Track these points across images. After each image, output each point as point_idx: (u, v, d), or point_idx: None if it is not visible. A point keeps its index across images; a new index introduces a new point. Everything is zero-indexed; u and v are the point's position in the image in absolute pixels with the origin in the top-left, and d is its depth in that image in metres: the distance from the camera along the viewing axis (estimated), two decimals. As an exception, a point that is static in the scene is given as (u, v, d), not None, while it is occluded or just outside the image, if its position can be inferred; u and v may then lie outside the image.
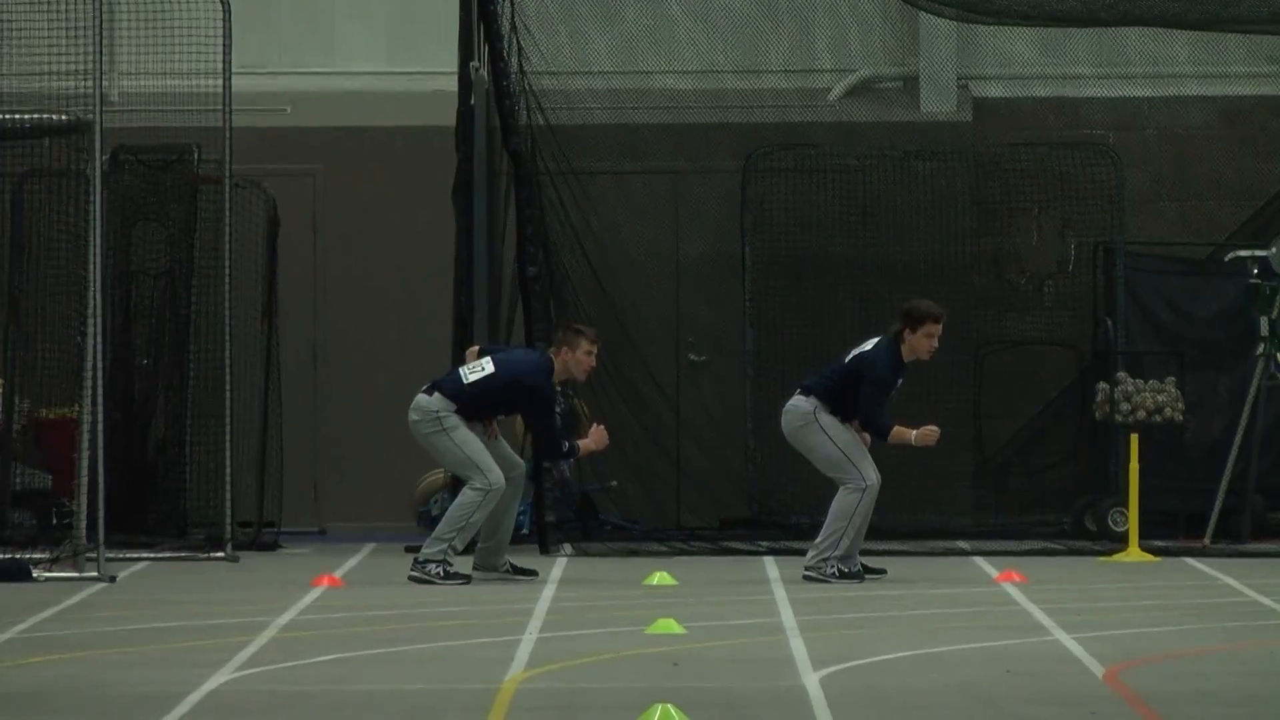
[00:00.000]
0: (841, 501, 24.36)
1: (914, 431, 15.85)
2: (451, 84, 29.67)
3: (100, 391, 24.93)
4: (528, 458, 28.64)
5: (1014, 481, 32.47)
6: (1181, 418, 30.97)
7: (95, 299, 26.93)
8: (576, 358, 24.26)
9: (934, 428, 16.97)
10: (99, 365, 26.84)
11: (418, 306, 32.35)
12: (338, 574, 25.33)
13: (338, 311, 35.48)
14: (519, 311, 30.01)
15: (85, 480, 25.29)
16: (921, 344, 17.13)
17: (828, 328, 30.59)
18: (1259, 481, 30.40)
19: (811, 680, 18.59)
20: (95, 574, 25.39)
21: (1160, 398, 30.89)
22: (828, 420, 17.98)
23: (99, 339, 26.83)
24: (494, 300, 30.08)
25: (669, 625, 21.61)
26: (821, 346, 30.46)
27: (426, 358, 31.15)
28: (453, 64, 29.56)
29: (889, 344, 23.83)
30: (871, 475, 17.37)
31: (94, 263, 27.20)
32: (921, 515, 29.59)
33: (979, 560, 26.88)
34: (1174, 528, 30.58)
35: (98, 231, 27.28)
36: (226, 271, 29.40)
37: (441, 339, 29.88)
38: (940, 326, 16.99)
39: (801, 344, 30.64)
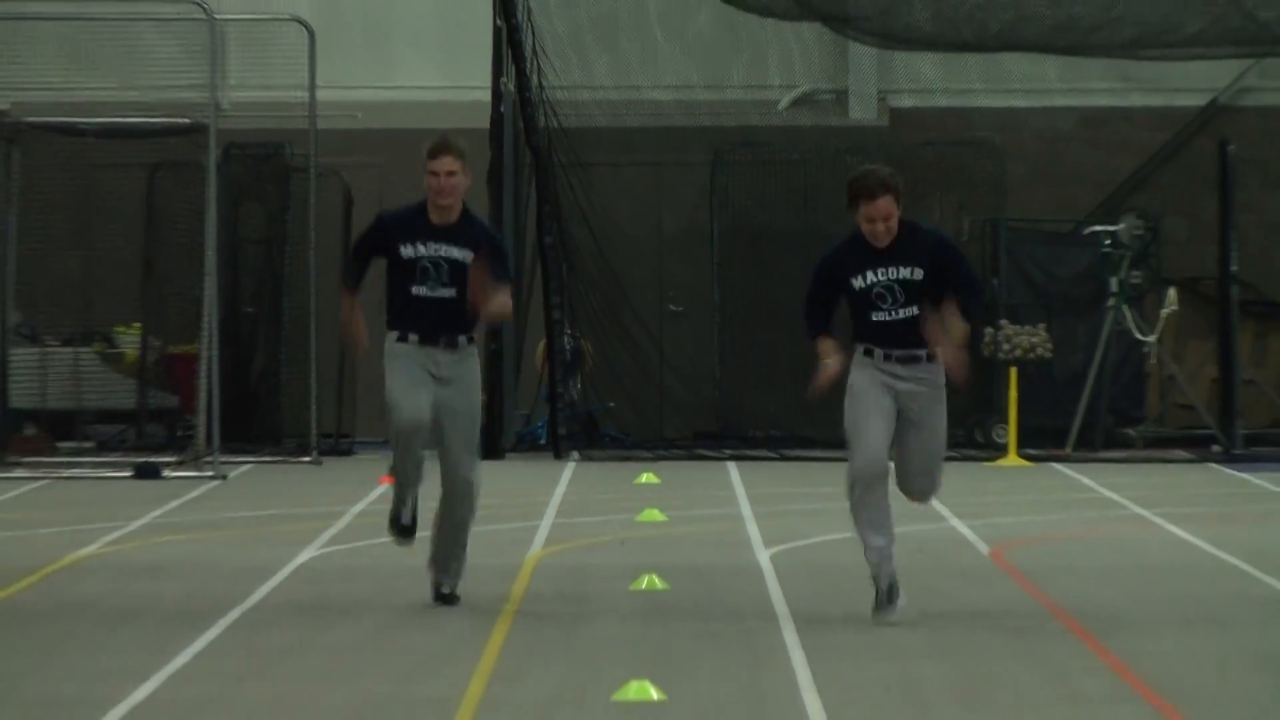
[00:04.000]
0: None
1: (830, 361, 12.48)
2: (486, 96, 29.47)
3: (214, 332, 24.94)
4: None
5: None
6: (1050, 355, 30.91)
7: (211, 260, 26.93)
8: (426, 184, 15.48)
9: (833, 369, 12.57)
10: (213, 312, 26.79)
11: None
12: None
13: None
14: (538, 272, 29.81)
15: (203, 401, 25.28)
16: (865, 230, 12.69)
17: (778, 285, 29.78)
18: (1109, 404, 29.31)
19: (764, 556, 18.77)
20: (210, 474, 25.35)
21: (1033, 339, 30.30)
22: (853, 377, 12.92)
23: (214, 291, 26.72)
24: (519, 262, 29.52)
25: (654, 514, 21.73)
26: (774, 300, 30.33)
27: None
28: (487, 80, 29.32)
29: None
30: (859, 459, 12.67)
31: (210, 233, 27.16)
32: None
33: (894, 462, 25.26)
34: (1043, 440, 30.28)
35: (212, 209, 27.23)
36: (311, 240, 28.82)
37: None
38: (880, 204, 12.50)
39: (758, 298, 30.58)
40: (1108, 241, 30.14)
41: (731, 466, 26.67)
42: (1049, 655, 14.21)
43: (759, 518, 21.58)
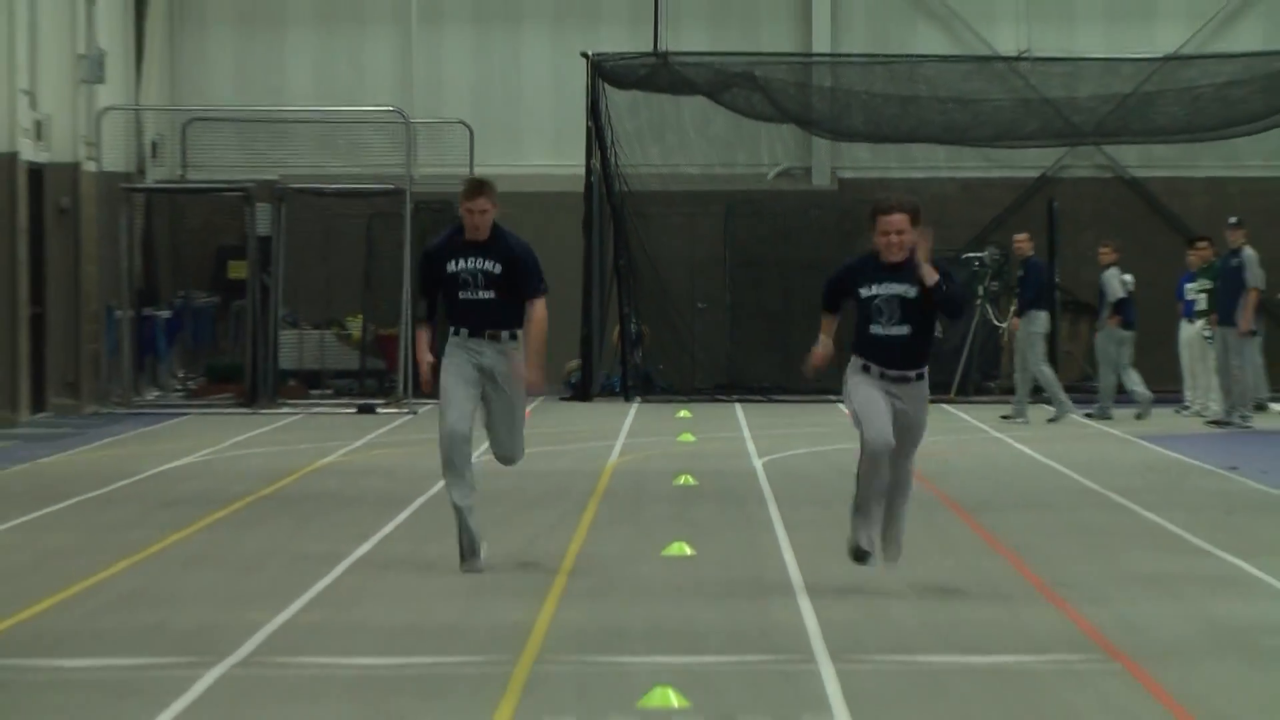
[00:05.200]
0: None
1: (819, 348, 10.71)
2: (581, 170, 29.29)
3: (408, 320, 24.77)
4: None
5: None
6: (941, 334, 28.96)
7: (405, 276, 26.47)
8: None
9: (819, 357, 10.98)
10: (407, 308, 26.35)
11: (563, 282, 28.99)
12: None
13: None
14: (615, 282, 29.74)
15: (401, 364, 25.14)
16: (879, 242, 10.91)
17: (768, 293, 30.24)
18: (977, 366, 28.75)
19: (758, 464, 18.80)
20: (406, 411, 25.08)
21: None
22: (851, 380, 11.34)
23: (408, 295, 26.24)
24: (602, 279, 29.49)
25: (688, 437, 21.74)
26: (765, 301, 30.28)
27: (565, 314, 28.19)
28: (583, 160, 29.18)
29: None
30: (869, 432, 10.78)
31: (405, 258, 26.66)
32: (816, 381, 27.52)
33: (842, 405, 25.17)
34: (936, 390, 28.61)
35: (407, 244, 26.78)
36: None
37: (574, 301, 28.85)
38: (894, 219, 10.68)
39: (755, 300, 30.35)
40: (976, 264, 28.81)
41: (737, 407, 26.48)
42: (937, 525, 14.24)
43: (755, 439, 21.54)
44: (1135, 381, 24.63)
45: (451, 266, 11.21)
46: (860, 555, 10.45)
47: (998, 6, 31.38)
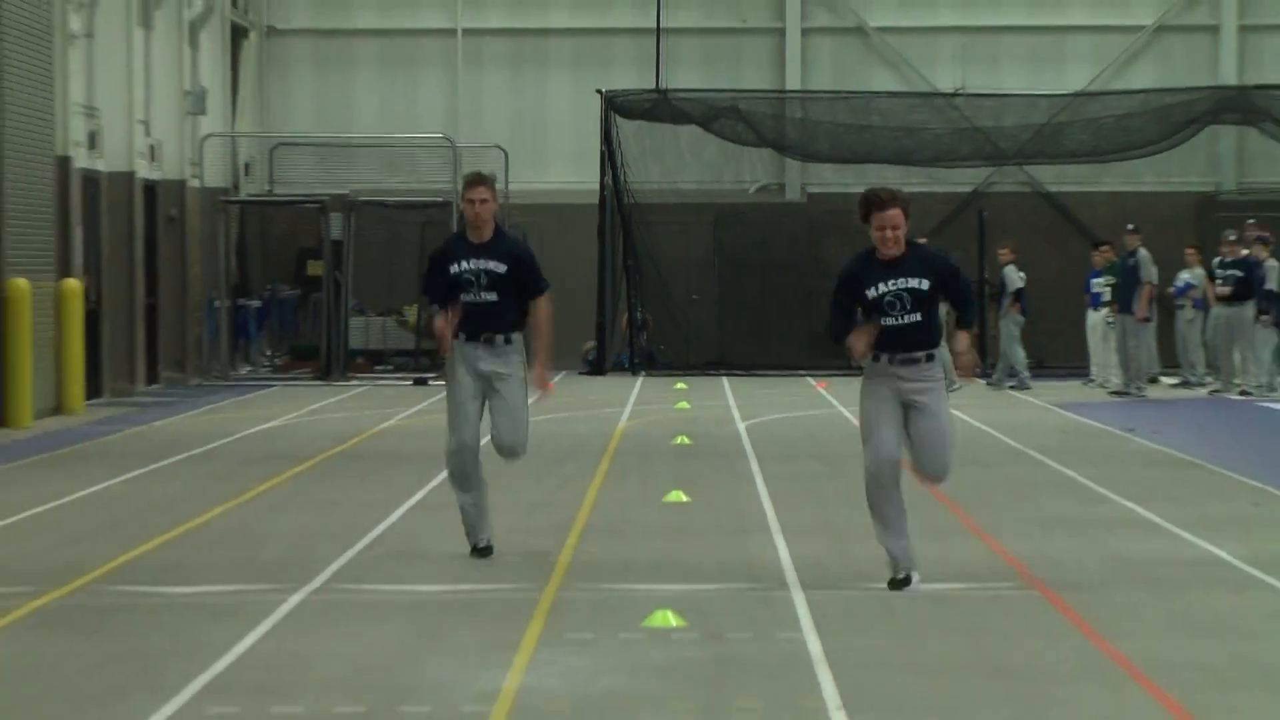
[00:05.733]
0: None
1: (859, 343, 8.74)
2: (596, 185, 28.90)
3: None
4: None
5: (822, 346, 29.83)
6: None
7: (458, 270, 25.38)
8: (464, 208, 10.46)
9: (861, 343, 8.87)
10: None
11: (581, 278, 28.83)
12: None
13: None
14: (623, 282, 29.40)
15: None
16: (876, 237, 9.01)
17: (750, 288, 29.95)
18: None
19: (741, 427, 18.47)
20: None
21: None
22: (864, 386, 9.28)
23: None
24: (613, 275, 29.05)
25: (684, 404, 21.49)
26: (748, 294, 30.10)
27: (583, 303, 29.57)
28: (597, 176, 28.86)
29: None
30: (869, 454, 8.82)
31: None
32: (786, 357, 28.61)
33: (809, 378, 25.90)
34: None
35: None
36: None
37: (590, 294, 28.89)
38: (890, 214, 8.86)
39: (739, 293, 30.09)
40: None
41: (724, 380, 26.09)
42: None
43: (739, 407, 21.17)
44: (1021, 358, 25.08)
45: (454, 268, 9.45)
46: (896, 584, 8.45)
47: (938, 51, 31.28)
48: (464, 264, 9.38)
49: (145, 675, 6.90)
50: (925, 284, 8.38)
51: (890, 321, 8.36)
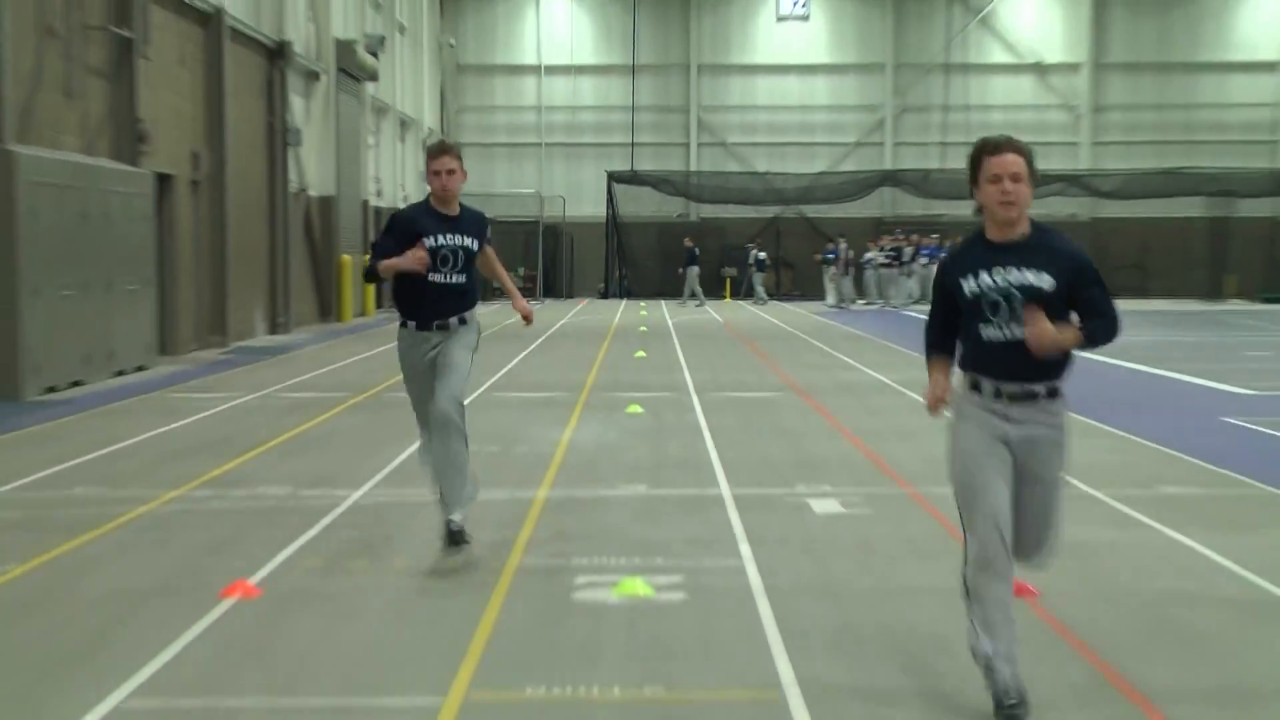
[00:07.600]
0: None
1: (932, 392, 4.64)
2: (604, 214, 38.71)
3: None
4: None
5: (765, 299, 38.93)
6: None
7: (537, 258, 33.81)
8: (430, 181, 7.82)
9: (935, 399, 4.72)
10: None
11: (596, 258, 40.82)
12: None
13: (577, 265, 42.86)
14: (617, 259, 38.19)
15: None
16: (990, 193, 4.26)
17: (674, 261, 38.70)
18: (745, 288, 37.77)
19: (670, 323, 21.61)
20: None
21: (760, 274, 38.36)
22: (957, 426, 4.59)
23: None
24: (611, 255, 38.97)
25: (644, 312, 26.45)
26: (672, 263, 38.19)
27: (595, 267, 40.37)
28: (604, 209, 38.52)
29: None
30: (982, 526, 4.22)
31: (539, 249, 36.01)
32: (683, 291, 32.37)
33: (691, 302, 30.83)
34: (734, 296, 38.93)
35: (540, 242, 37.43)
36: (540, 241, 34.67)
37: (600, 265, 36.69)
38: (1007, 158, 4.21)
39: (671, 263, 39.43)
40: (751, 248, 39.50)
41: (662, 302, 30.58)
42: (739, 352, 16.50)
43: (670, 315, 24.85)
44: (760, 285, 32.22)
45: (430, 241, 7.60)
46: (1007, 716, 4.97)
47: (758, 152, 42.53)
48: (441, 239, 7.72)
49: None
50: (1048, 280, 4.93)
51: (991, 333, 5.02)
